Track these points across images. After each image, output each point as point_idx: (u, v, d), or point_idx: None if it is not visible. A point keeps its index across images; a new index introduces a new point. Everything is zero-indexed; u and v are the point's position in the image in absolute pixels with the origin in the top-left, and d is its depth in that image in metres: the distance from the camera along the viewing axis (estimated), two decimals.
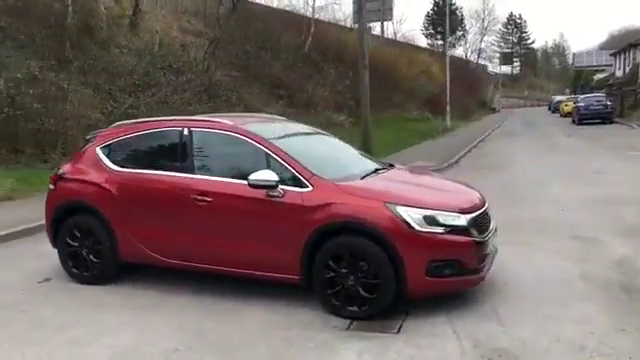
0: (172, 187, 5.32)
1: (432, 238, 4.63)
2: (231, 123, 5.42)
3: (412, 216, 4.63)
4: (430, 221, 4.65)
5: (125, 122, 6.20)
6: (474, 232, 4.82)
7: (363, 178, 5.20)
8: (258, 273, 5.09)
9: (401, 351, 4.16)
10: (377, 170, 5.57)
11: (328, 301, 4.82)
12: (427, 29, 64.46)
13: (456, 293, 5.02)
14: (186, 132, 5.47)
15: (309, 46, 27.65)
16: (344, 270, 4.73)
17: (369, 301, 4.69)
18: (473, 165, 15.37)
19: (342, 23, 35.97)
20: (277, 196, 4.91)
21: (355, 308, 4.72)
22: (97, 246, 5.65)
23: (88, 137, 6.13)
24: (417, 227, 4.61)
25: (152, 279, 5.71)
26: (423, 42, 63.56)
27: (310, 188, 4.89)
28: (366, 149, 14.77)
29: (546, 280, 5.57)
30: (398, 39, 47.31)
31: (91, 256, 5.69)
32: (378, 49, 35.76)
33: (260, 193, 4.94)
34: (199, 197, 5.16)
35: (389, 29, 46.78)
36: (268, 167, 5.01)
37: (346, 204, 4.77)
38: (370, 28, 46.88)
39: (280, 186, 4.91)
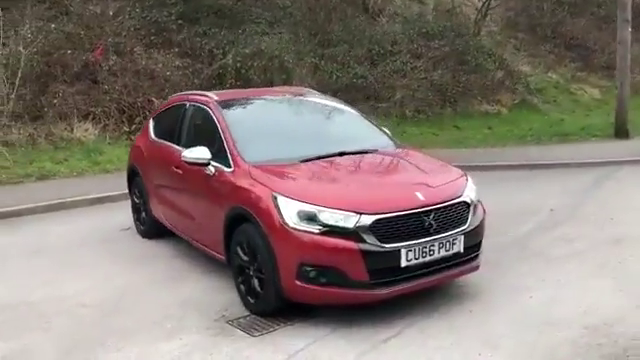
0: (166, 157, 5.76)
1: (304, 238, 4.04)
2: (214, 97, 5.51)
3: (288, 209, 4.09)
4: (306, 217, 4.06)
5: (176, 94, 6.85)
6: (368, 238, 3.96)
7: (304, 162, 4.70)
8: (206, 249, 5.20)
9: (216, 354, 3.86)
10: (343, 153, 4.88)
11: (238, 288, 4.65)
12: None
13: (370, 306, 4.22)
14: (187, 106, 5.81)
15: None
16: (246, 259, 4.49)
17: (259, 296, 4.38)
18: None
19: None
20: (209, 175, 4.90)
21: (252, 301, 4.47)
22: (145, 204, 6.50)
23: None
24: (290, 222, 4.08)
25: None
26: None
27: (232, 169, 4.73)
28: (618, 124, 12.12)
29: (531, 318, 4.16)
30: None
31: (143, 213, 6.58)
32: None
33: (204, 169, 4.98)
34: (175, 168, 5.48)
35: None
36: (214, 143, 4.99)
37: (244, 190, 4.51)
38: None
39: (214, 164, 4.87)
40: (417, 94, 14.63)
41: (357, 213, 4.00)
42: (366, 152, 5.06)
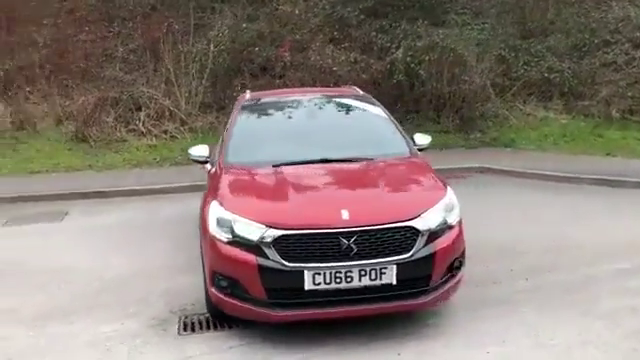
0: None
1: (217, 245, 3.94)
2: (246, 96, 5.61)
3: (214, 216, 4.04)
4: (225, 225, 3.94)
5: None
6: (271, 253, 3.70)
7: (276, 166, 4.51)
8: None
9: (125, 344, 4.06)
10: (328, 160, 4.55)
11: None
12: None
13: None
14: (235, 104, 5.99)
15: None
16: None
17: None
18: None
19: None
20: (207, 172, 5.06)
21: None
22: None
23: None
24: (210, 228, 4.01)
25: None
26: None
27: (214, 169, 4.80)
28: None
29: None
30: None
31: None
32: None
33: None
34: None
35: None
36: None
37: (208, 193, 4.53)
38: None
39: (214, 161, 5.00)
40: (630, 92, 12.29)
41: (267, 226, 3.74)
42: (354, 160, 4.61)
